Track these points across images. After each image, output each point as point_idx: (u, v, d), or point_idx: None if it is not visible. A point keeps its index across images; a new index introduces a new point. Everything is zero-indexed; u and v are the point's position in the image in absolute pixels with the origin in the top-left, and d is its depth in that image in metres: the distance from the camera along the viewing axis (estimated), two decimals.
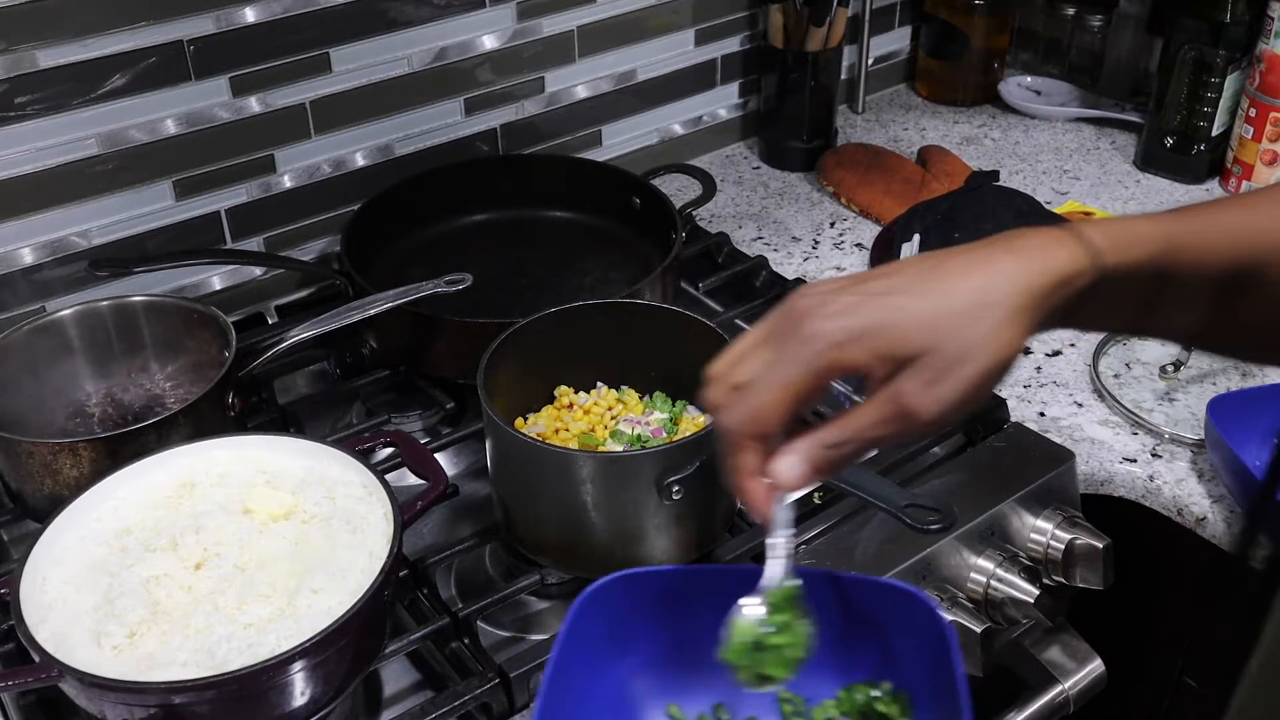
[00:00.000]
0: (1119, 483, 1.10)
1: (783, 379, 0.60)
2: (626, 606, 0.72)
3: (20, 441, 0.97)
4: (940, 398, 0.58)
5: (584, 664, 0.70)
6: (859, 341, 0.59)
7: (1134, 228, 0.63)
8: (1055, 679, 1.07)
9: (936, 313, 0.59)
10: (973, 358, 0.58)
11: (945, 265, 0.61)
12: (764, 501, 0.63)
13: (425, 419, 1.17)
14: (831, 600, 0.69)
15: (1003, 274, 0.60)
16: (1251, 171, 1.48)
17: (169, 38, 1.16)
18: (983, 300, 0.59)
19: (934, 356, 0.58)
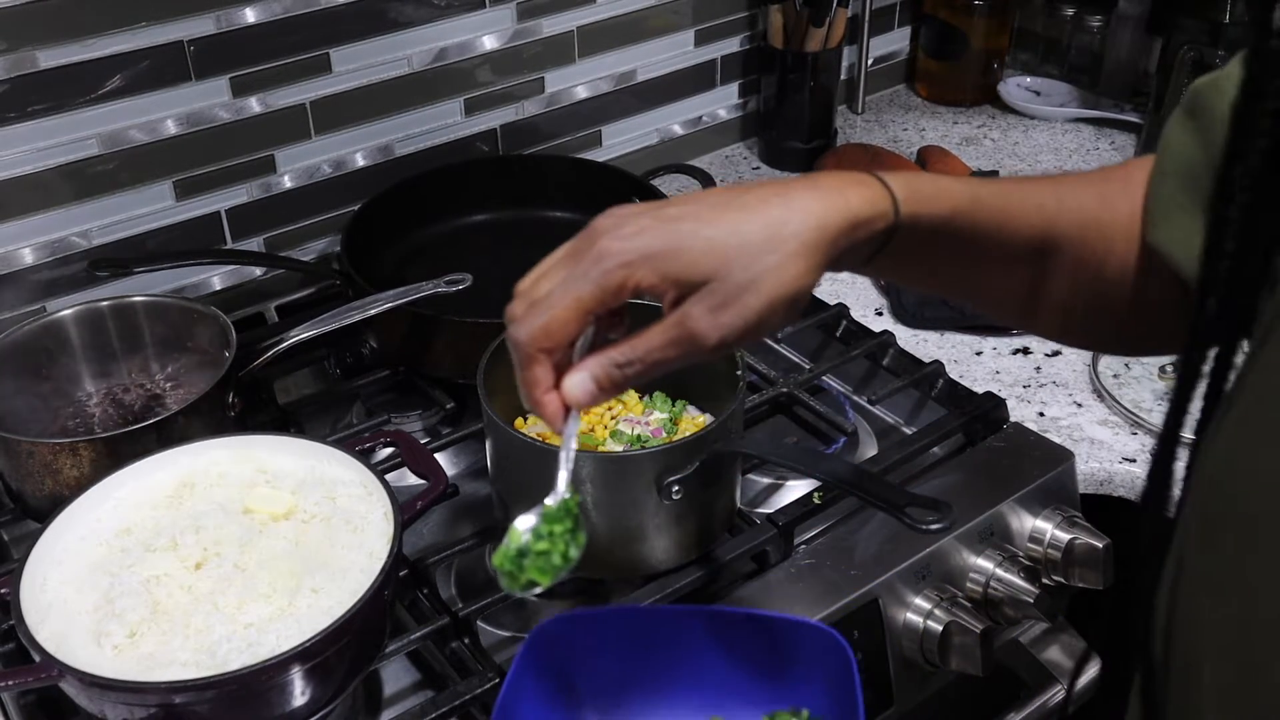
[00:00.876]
0: (1118, 483, 1.10)
1: (574, 294, 0.61)
2: (576, 645, 0.77)
3: (20, 441, 0.97)
4: (724, 324, 0.60)
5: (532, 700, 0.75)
6: (648, 263, 0.60)
7: (941, 184, 0.65)
8: (1055, 679, 1.07)
9: (727, 241, 0.60)
10: (758, 288, 0.60)
11: (744, 197, 0.62)
12: (555, 415, 0.64)
13: (425, 419, 1.17)
14: (755, 637, 0.74)
15: (798, 208, 0.61)
16: None
17: (169, 38, 1.16)
18: (775, 233, 0.60)
19: (720, 284, 0.60)
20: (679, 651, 0.78)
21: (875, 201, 0.63)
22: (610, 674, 0.78)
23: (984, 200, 0.66)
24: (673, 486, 0.89)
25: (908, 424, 1.19)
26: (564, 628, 0.77)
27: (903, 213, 0.63)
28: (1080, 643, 1.09)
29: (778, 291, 0.60)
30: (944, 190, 0.65)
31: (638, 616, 0.79)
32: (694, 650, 0.78)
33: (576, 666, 0.77)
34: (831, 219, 0.61)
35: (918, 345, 1.25)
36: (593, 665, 0.78)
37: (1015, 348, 1.25)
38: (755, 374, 1.17)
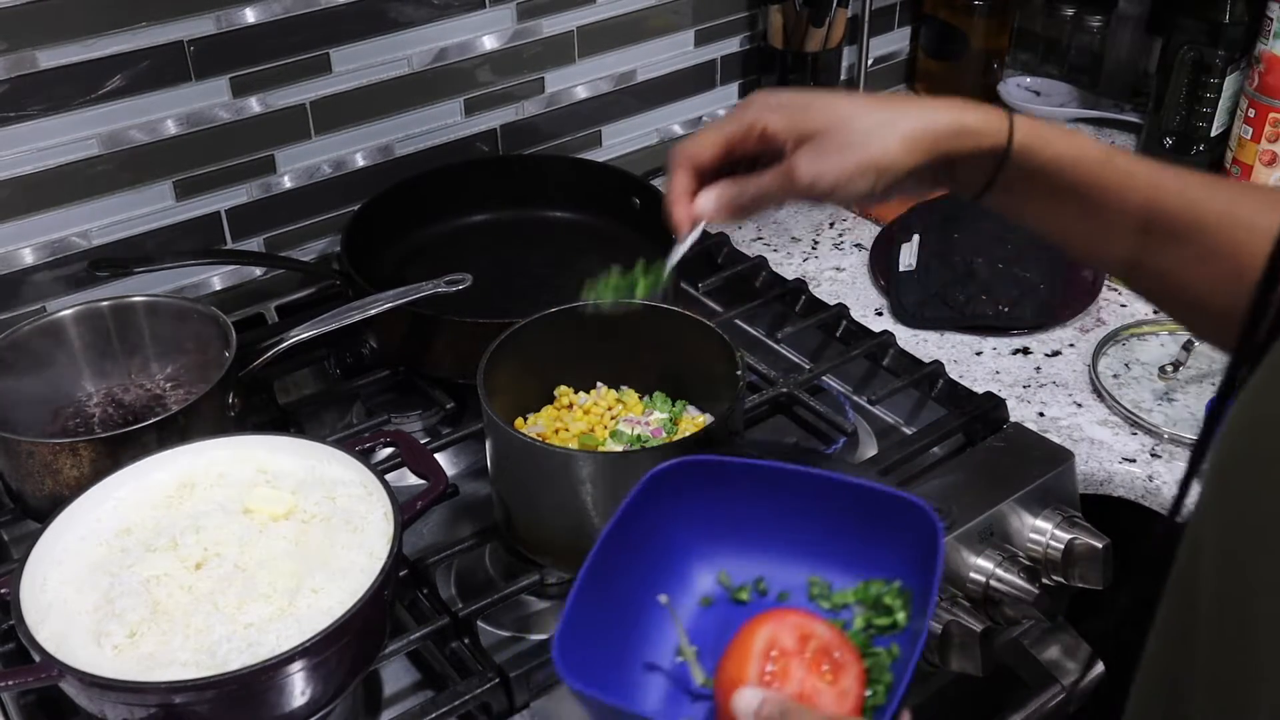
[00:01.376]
0: (1118, 483, 1.10)
1: (719, 125, 0.78)
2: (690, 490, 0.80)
3: (20, 441, 0.97)
4: (818, 169, 0.74)
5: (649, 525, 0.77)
6: (780, 110, 0.75)
7: (1070, 134, 0.75)
8: (1054, 679, 1.07)
9: (848, 113, 0.74)
10: (855, 149, 0.73)
11: (885, 98, 0.77)
12: (682, 220, 0.79)
13: (425, 419, 1.17)
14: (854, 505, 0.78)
15: (913, 111, 0.74)
16: (1250, 172, 1.48)
17: (169, 38, 1.16)
18: (887, 120, 0.74)
19: (828, 138, 0.74)
20: (785, 509, 0.80)
21: (990, 120, 0.73)
22: (719, 523, 0.81)
23: (1114, 159, 0.73)
24: None
25: (908, 424, 1.19)
26: (681, 474, 0.79)
27: (1017, 138, 0.73)
28: (1080, 643, 1.09)
29: (870, 156, 0.73)
30: (1068, 136, 0.74)
31: (751, 471, 0.81)
32: (799, 509, 0.80)
33: (683, 513, 0.80)
34: (940, 122, 0.73)
35: (918, 345, 1.25)
36: (703, 513, 0.80)
37: (1015, 348, 1.25)
38: (755, 374, 1.17)
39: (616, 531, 0.75)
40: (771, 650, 0.71)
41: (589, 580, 0.72)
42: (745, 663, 0.71)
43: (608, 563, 0.74)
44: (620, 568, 0.76)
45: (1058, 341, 1.26)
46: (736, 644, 0.72)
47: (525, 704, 0.88)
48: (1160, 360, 1.21)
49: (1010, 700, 1.05)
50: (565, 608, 0.70)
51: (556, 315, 1.01)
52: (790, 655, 0.71)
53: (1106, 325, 1.28)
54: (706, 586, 0.80)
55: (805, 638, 0.72)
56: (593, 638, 0.71)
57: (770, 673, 0.70)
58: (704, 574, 0.81)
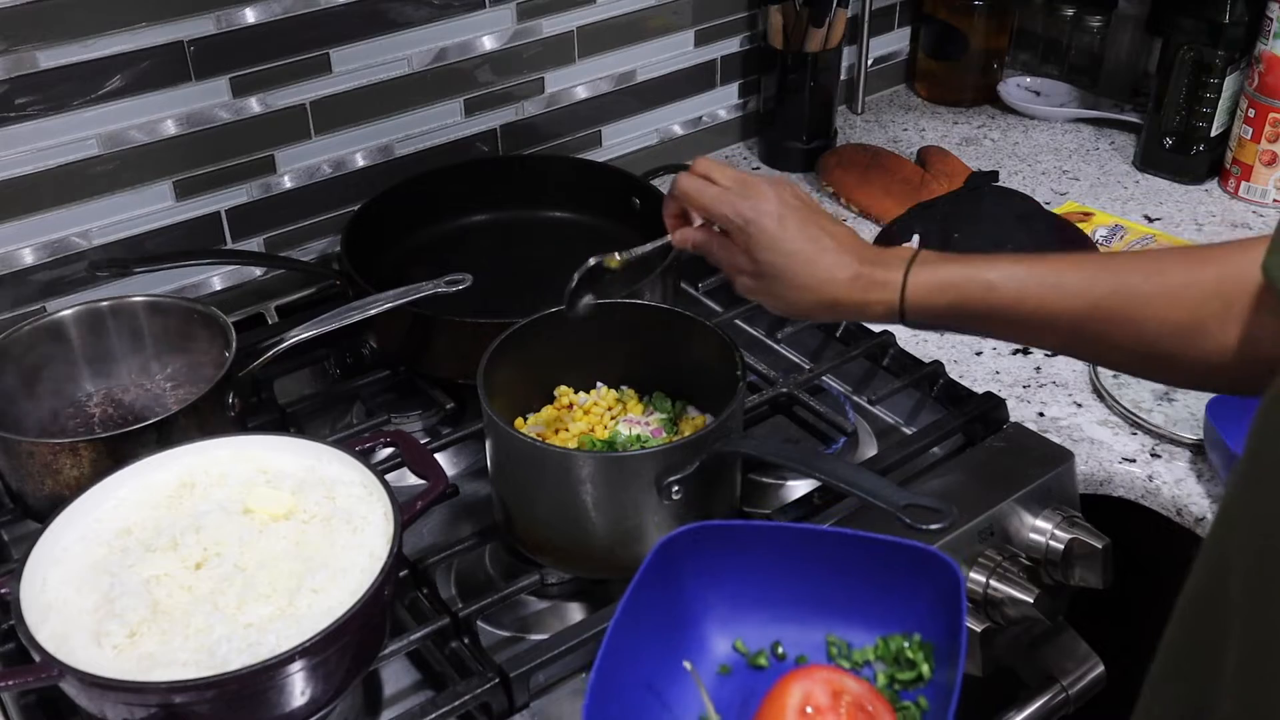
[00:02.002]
0: (1118, 483, 1.10)
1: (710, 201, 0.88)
2: (699, 558, 0.81)
3: (20, 441, 0.97)
4: (749, 291, 0.90)
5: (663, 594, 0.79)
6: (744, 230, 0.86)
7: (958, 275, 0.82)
8: (1054, 679, 1.07)
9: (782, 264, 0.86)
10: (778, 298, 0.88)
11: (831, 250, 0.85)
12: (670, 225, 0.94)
13: (425, 419, 1.17)
14: (869, 559, 0.78)
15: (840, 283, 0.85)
16: (1250, 172, 1.48)
17: (169, 38, 1.16)
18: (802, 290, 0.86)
19: (761, 275, 0.87)
20: (798, 570, 0.81)
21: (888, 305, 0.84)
22: (731, 589, 0.81)
23: (998, 289, 0.80)
24: (673, 486, 0.89)
25: (908, 424, 1.19)
26: (690, 540, 0.80)
27: (908, 306, 0.83)
28: (1080, 643, 1.09)
29: (781, 301, 0.88)
30: (950, 284, 0.82)
31: (762, 533, 0.82)
32: (812, 569, 0.80)
33: (698, 579, 0.81)
34: (850, 307, 0.86)
35: (918, 345, 1.25)
36: (714, 579, 0.81)
37: (1015, 348, 1.25)
38: (755, 374, 1.17)
39: (632, 602, 0.76)
40: (806, 707, 0.71)
41: (610, 652, 0.73)
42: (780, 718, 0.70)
43: (627, 634, 0.75)
44: (640, 637, 0.76)
45: None
46: (769, 704, 0.72)
47: (525, 704, 0.88)
48: None
49: (1010, 700, 1.05)
50: (589, 684, 0.71)
51: (556, 315, 1.01)
52: (825, 712, 0.71)
53: None
54: (724, 654, 0.80)
55: (838, 693, 0.72)
56: (620, 702, 0.72)
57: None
58: (721, 640, 0.81)
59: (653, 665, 0.77)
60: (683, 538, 0.80)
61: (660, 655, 0.78)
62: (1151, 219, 1.48)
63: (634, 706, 0.74)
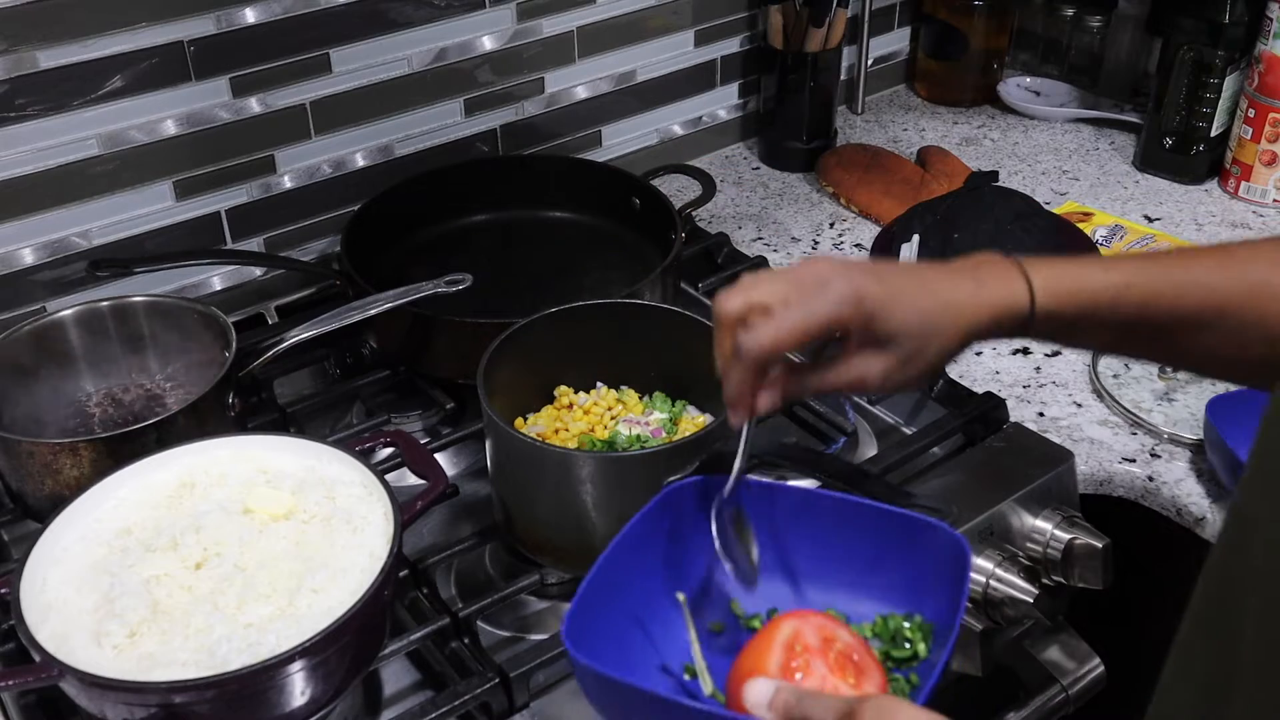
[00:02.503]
0: (1118, 483, 1.10)
1: (804, 319, 0.72)
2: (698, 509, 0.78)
3: (21, 441, 0.97)
4: (891, 378, 0.75)
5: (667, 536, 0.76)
6: (860, 310, 0.72)
7: (1085, 277, 0.76)
8: (1055, 679, 1.07)
9: (912, 316, 0.74)
10: (920, 356, 0.75)
11: (930, 280, 0.75)
12: (744, 417, 0.76)
13: (425, 419, 1.17)
14: (876, 530, 0.76)
15: (959, 300, 0.75)
16: (1250, 172, 1.48)
17: (169, 38, 1.16)
18: (940, 318, 0.74)
19: (897, 347, 0.74)
20: (805, 535, 0.79)
21: (1015, 298, 0.75)
22: None
23: (1139, 291, 0.74)
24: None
25: (908, 424, 1.19)
26: (697, 492, 0.78)
27: (1038, 309, 0.75)
28: (1080, 643, 1.09)
29: (932, 361, 0.76)
30: (1085, 288, 0.75)
31: (773, 492, 0.80)
32: (820, 535, 0.78)
33: (698, 533, 0.77)
34: (980, 314, 0.75)
35: None
36: None
37: (1015, 348, 1.25)
38: None
39: (633, 533, 0.74)
40: (795, 645, 0.69)
41: (603, 571, 0.71)
42: (766, 653, 0.69)
43: (623, 561, 0.73)
44: (635, 568, 0.74)
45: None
46: (758, 637, 0.70)
47: (525, 704, 0.88)
48: None
49: (1010, 700, 1.05)
50: (578, 592, 0.69)
51: (556, 315, 1.01)
52: (813, 653, 0.69)
53: None
54: (718, 613, 0.78)
55: (829, 639, 0.70)
56: (603, 629, 0.70)
57: (793, 666, 0.68)
58: (718, 600, 0.79)
59: (643, 599, 0.75)
60: (690, 488, 0.78)
61: (651, 592, 0.76)
62: (1151, 219, 1.48)
63: (617, 636, 0.73)
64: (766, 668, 0.67)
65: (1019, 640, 1.07)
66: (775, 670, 0.67)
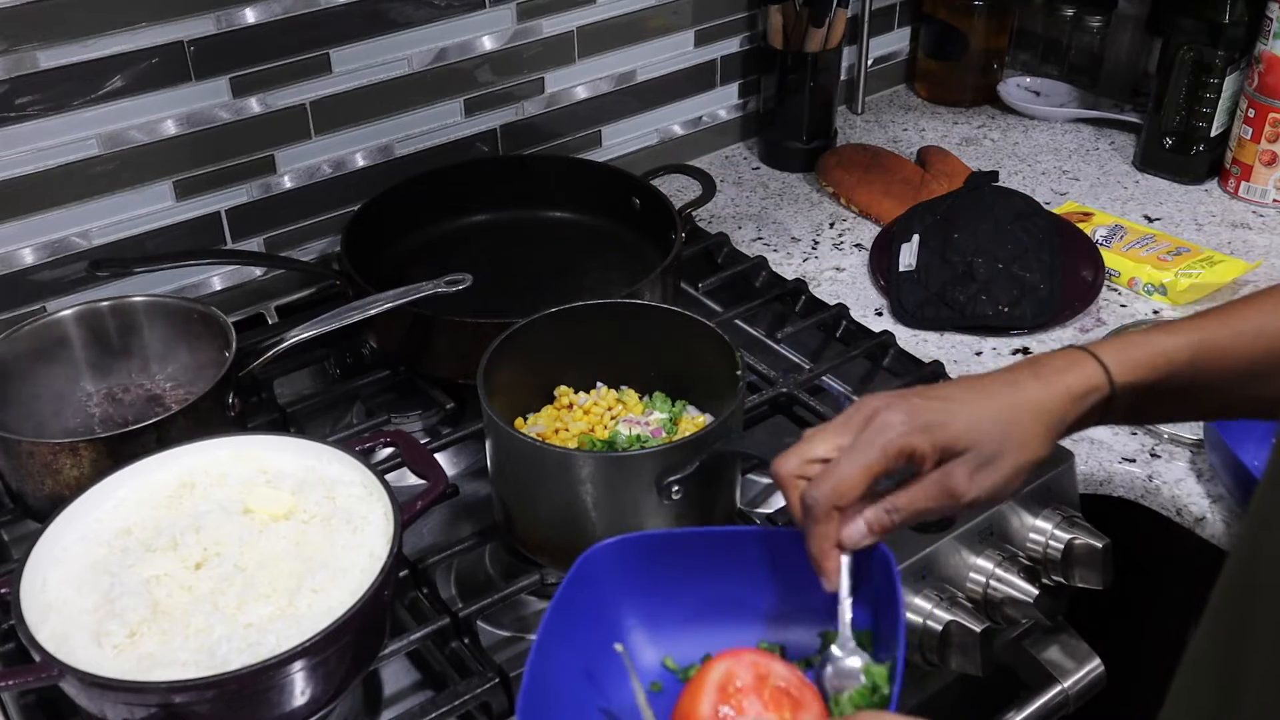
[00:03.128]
0: (1118, 483, 1.10)
1: (864, 461, 0.72)
2: (624, 571, 0.78)
3: (20, 441, 0.97)
4: (979, 483, 0.73)
5: (578, 622, 0.76)
6: (925, 433, 0.73)
7: (1157, 346, 0.76)
8: (1055, 679, 1.07)
9: (980, 420, 0.74)
10: (1004, 458, 0.74)
11: (987, 385, 0.76)
12: (836, 571, 0.74)
13: (425, 419, 1.17)
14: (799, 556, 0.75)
15: (1027, 396, 0.75)
16: (1250, 172, 1.48)
17: (169, 38, 1.16)
18: (1014, 416, 0.74)
19: (977, 452, 0.73)
20: (724, 574, 0.79)
21: (1090, 378, 0.75)
22: (658, 600, 0.79)
23: (1207, 346, 0.75)
24: (673, 486, 0.89)
25: None
26: (610, 555, 0.78)
27: (1117, 383, 0.75)
28: (1080, 643, 1.09)
29: (1020, 459, 0.74)
30: (1159, 353, 0.76)
31: (685, 540, 0.80)
32: (739, 573, 0.78)
33: (624, 592, 0.78)
34: (1055, 403, 0.75)
35: (918, 345, 1.25)
36: (641, 590, 0.79)
37: (1015, 348, 1.25)
38: (755, 374, 1.17)
39: (554, 618, 0.74)
40: (728, 685, 0.69)
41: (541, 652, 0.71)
42: (699, 696, 0.69)
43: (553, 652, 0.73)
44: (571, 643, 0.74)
45: (1057, 341, 1.26)
46: (692, 684, 0.71)
47: None
48: None
49: (1010, 700, 1.05)
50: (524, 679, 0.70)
51: (556, 315, 1.01)
52: (747, 691, 0.69)
53: (1106, 325, 1.28)
54: (654, 671, 0.78)
55: (763, 676, 0.70)
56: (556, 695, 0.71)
57: (727, 707, 0.68)
58: (651, 657, 0.79)
59: (589, 657, 0.76)
60: (597, 554, 0.77)
61: (594, 651, 0.76)
62: (1151, 219, 1.48)
63: (570, 693, 0.73)
64: (700, 712, 0.68)
65: (1019, 640, 1.07)
66: (710, 712, 0.68)
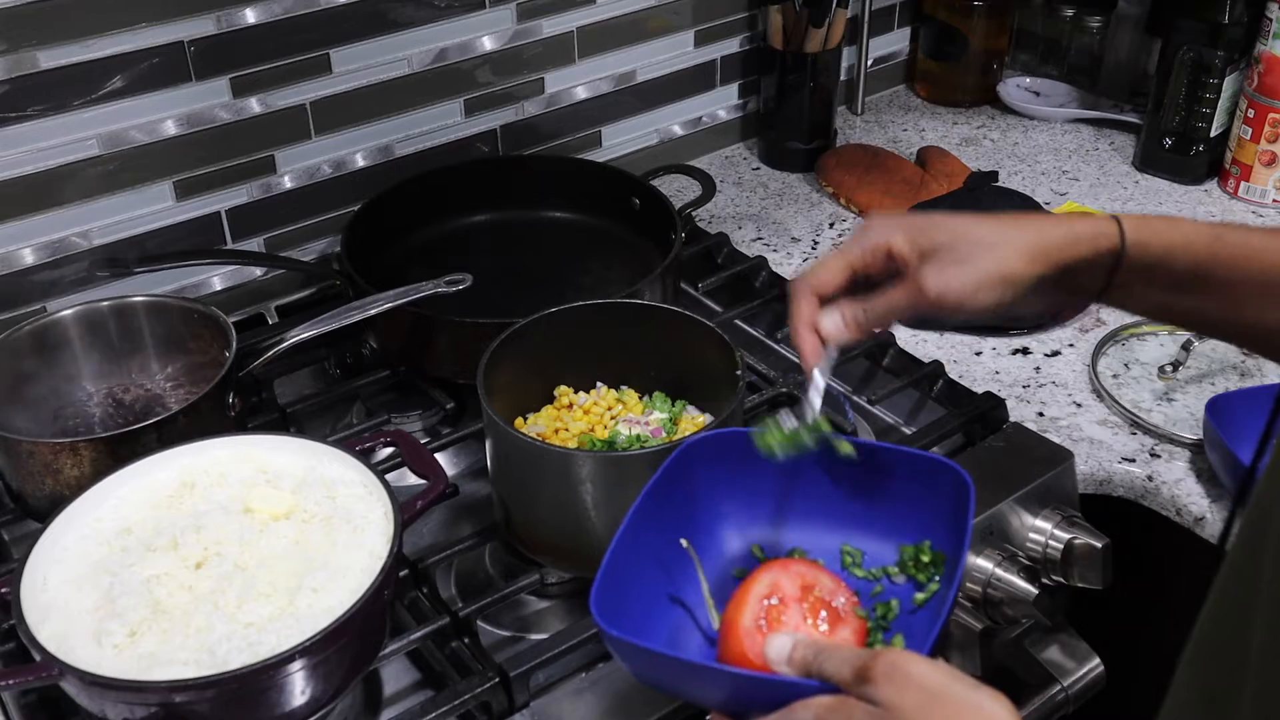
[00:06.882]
0: (1118, 482, 1.10)
1: (846, 252, 0.79)
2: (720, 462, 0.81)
3: (21, 441, 0.97)
4: (947, 280, 0.76)
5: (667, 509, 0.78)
6: (903, 231, 0.77)
7: (1178, 221, 0.76)
8: (1054, 679, 1.07)
9: (965, 229, 0.77)
10: (976, 261, 0.75)
11: (985, 215, 0.78)
12: (811, 350, 0.79)
13: (425, 419, 1.17)
14: (883, 469, 0.79)
15: (1027, 220, 0.78)
16: (1250, 172, 1.48)
17: (170, 38, 1.17)
18: (1001, 235, 0.76)
19: (950, 251, 0.76)
20: (816, 478, 0.81)
21: (1099, 224, 0.76)
22: (749, 496, 0.82)
23: (1223, 236, 0.75)
24: None
25: (907, 424, 1.19)
26: (710, 447, 0.80)
27: (1129, 237, 0.75)
28: (1080, 643, 1.09)
29: (995, 268, 0.75)
30: (1175, 225, 0.76)
31: None
32: (829, 478, 0.81)
33: (717, 485, 0.81)
34: (1054, 234, 0.76)
35: (917, 345, 1.25)
36: (733, 486, 0.81)
37: (1015, 348, 1.25)
38: (755, 374, 1.17)
39: (653, 493, 0.77)
40: (772, 596, 0.72)
41: (626, 536, 0.74)
42: (743, 605, 0.72)
43: (645, 523, 0.76)
44: (656, 529, 0.77)
45: (1057, 341, 1.26)
46: (741, 589, 0.74)
47: (525, 704, 0.88)
48: (1160, 360, 1.21)
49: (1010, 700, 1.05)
50: (604, 561, 0.71)
51: (556, 315, 1.01)
52: (789, 602, 0.72)
53: (1106, 325, 1.28)
54: (740, 558, 0.81)
55: (808, 587, 0.73)
56: (627, 589, 0.73)
57: (767, 617, 0.71)
58: (738, 544, 0.82)
59: (669, 555, 0.78)
60: (702, 444, 0.80)
61: (674, 540, 0.79)
62: None
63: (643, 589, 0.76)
64: (742, 619, 0.71)
65: (1019, 640, 1.07)
66: (751, 621, 0.71)
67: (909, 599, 0.78)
